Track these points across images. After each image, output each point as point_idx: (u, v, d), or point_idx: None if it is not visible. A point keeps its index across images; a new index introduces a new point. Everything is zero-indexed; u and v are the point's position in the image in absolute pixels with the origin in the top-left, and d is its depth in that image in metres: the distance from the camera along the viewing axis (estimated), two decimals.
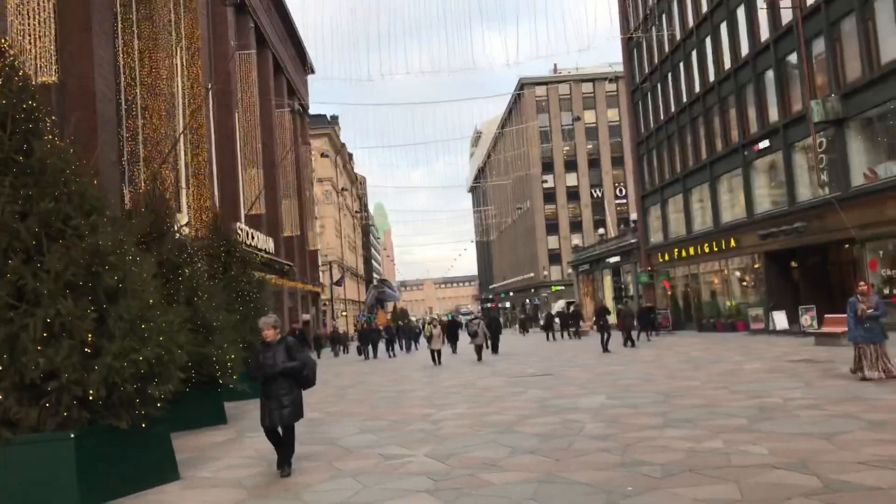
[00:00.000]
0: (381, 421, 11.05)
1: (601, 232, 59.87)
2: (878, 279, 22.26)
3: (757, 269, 30.15)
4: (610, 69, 78.96)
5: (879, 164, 21.99)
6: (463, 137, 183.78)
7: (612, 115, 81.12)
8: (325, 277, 61.20)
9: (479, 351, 24.69)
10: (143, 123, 22.04)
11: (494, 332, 28.34)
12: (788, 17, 26.09)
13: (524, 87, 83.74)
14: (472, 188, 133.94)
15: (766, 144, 28.44)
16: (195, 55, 26.32)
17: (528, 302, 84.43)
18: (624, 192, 77.95)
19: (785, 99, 27.20)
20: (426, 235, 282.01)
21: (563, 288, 73.81)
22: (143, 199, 12.87)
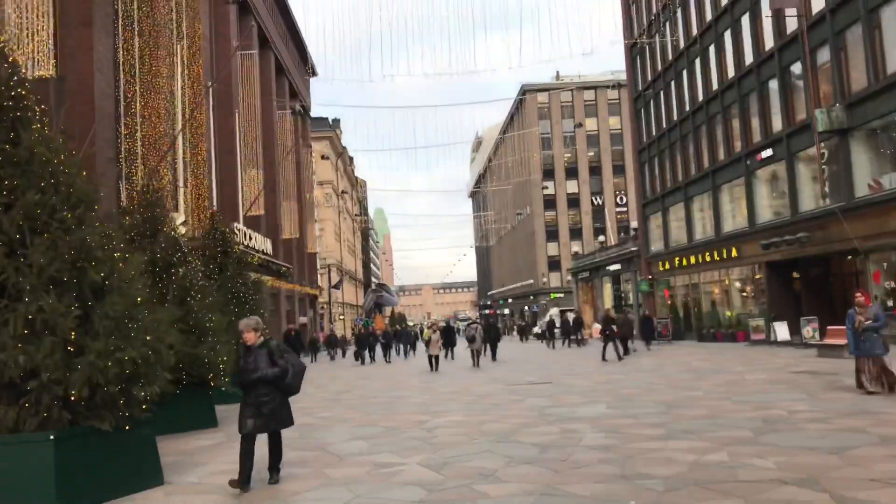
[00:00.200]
0: (374, 427, 10.80)
1: (601, 239, 59.60)
2: (881, 291, 22.04)
3: (758, 279, 29.92)
4: (612, 77, 78.90)
5: (884, 174, 21.76)
6: (464, 142, 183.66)
7: (613, 122, 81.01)
8: (323, 280, 60.97)
9: (476, 357, 24.42)
10: (141, 121, 21.82)
11: (493, 338, 28.09)
12: (793, 25, 25.92)
13: (526, 93, 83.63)
14: (472, 193, 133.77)
15: (769, 154, 28.24)
16: (196, 54, 26.15)
17: (526, 309, 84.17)
18: (624, 199, 77.80)
19: (789, 108, 27.01)
20: (425, 240, 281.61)
21: (562, 295, 73.56)
22: (137, 195, 12.61)
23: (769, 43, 28.02)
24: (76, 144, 9.47)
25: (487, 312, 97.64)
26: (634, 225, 49.80)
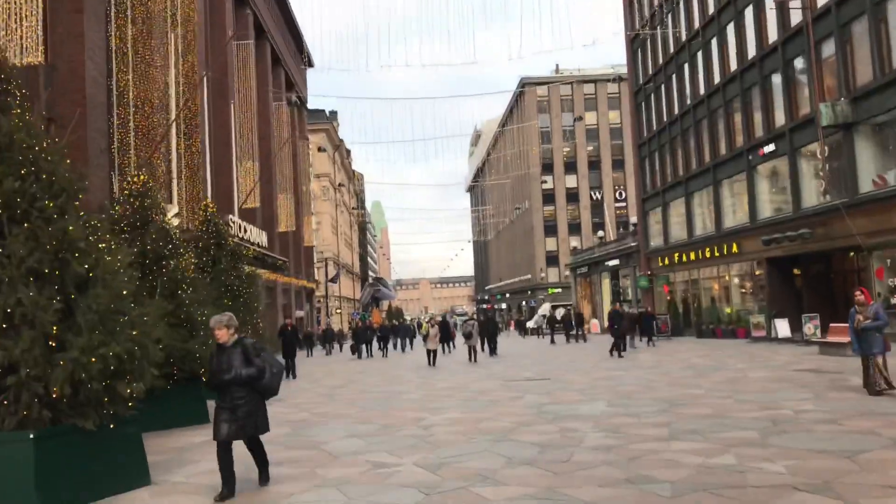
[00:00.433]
0: (370, 424, 10.52)
1: (600, 234, 59.26)
2: (884, 288, 21.79)
3: (758, 275, 29.67)
4: (612, 71, 78.49)
5: (889, 170, 21.50)
6: (463, 135, 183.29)
7: (613, 117, 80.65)
8: (320, 274, 60.64)
9: (472, 352, 24.18)
10: (134, 111, 21.44)
11: (492, 333, 27.83)
12: (797, 18, 25.60)
13: (525, 86, 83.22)
14: (470, 188, 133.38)
15: (771, 148, 27.96)
16: (191, 43, 25.73)
17: (524, 304, 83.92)
18: (624, 195, 77.50)
19: (792, 102, 26.70)
20: (423, 234, 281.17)
21: (560, 290, 73.32)
22: (128, 184, 12.30)
23: (773, 36, 27.69)
24: (65, 133, 9.16)
25: (485, 307, 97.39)
26: (634, 220, 49.46)
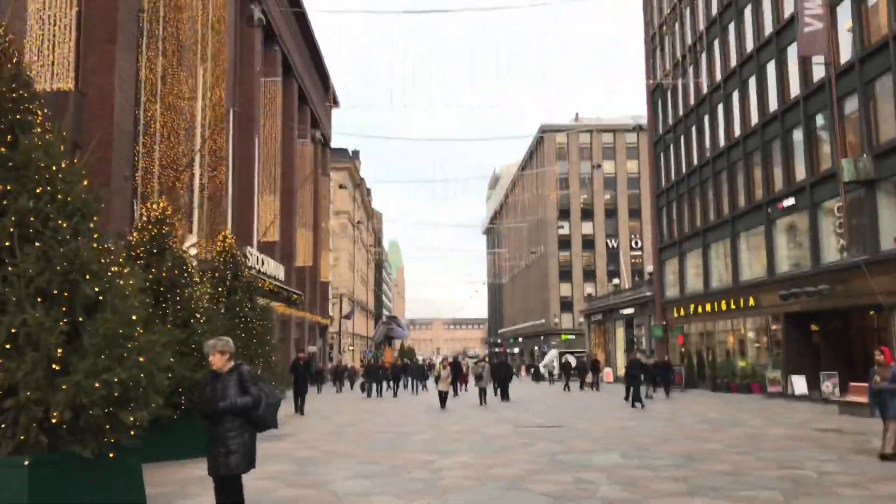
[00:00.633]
0: (378, 465, 10.25)
1: (616, 282, 58.91)
2: None
3: (775, 329, 29.14)
4: (631, 121, 78.90)
5: None
6: (482, 177, 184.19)
7: (631, 166, 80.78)
8: (334, 310, 60.51)
9: (483, 394, 23.80)
10: (160, 140, 21.69)
11: (504, 377, 27.37)
12: (820, 74, 25.59)
13: (545, 132, 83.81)
14: (487, 230, 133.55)
15: (791, 203, 27.71)
16: (220, 78, 26.15)
17: (536, 349, 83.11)
18: (640, 244, 77.18)
19: (813, 157, 26.54)
20: (439, 274, 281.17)
21: (573, 337, 72.61)
22: (147, 211, 12.32)
23: (795, 90, 27.69)
24: (88, 157, 9.19)
25: (497, 350, 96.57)
26: (649, 269, 49.14)
